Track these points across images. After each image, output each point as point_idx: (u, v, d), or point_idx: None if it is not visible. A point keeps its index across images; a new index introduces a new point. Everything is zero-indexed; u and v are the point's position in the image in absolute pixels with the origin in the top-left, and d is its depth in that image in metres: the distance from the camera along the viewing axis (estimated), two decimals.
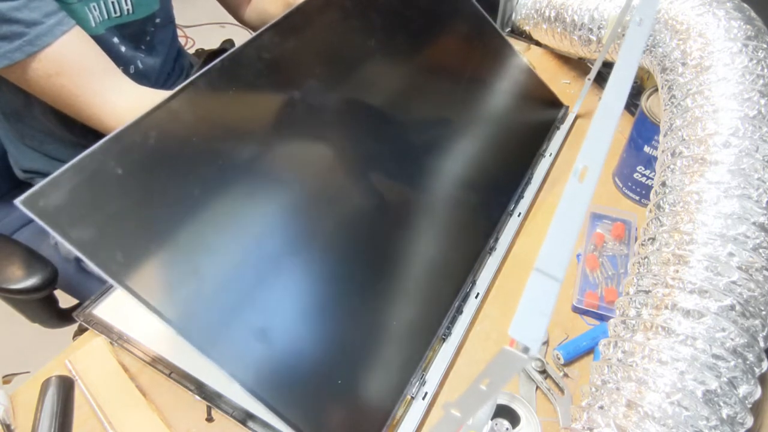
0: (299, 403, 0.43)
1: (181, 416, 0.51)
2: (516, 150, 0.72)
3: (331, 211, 0.52)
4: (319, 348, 0.46)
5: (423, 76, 0.65)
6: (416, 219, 0.57)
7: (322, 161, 0.53)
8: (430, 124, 0.64)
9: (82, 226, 0.36)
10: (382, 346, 0.50)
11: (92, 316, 0.56)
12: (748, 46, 0.52)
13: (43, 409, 0.49)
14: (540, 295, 0.19)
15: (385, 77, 0.61)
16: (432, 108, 0.65)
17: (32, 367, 1.14)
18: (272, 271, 0.46)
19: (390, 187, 0.57)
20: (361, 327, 0.49)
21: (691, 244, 0.45)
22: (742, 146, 0.47)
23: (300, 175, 0.51)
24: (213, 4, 0.96)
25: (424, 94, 0.65)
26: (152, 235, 0.40)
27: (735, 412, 0.39)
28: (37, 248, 0.71)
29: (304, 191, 0.50)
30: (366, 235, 0.53)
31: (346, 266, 0.50)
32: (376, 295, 0.51)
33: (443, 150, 0.62)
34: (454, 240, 0.60)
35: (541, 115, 0.78)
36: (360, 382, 0.47)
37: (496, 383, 0.22)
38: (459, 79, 0.69)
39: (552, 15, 0.80)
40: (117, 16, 0.72)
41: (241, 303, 0.43)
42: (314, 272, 0.48)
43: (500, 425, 0.48)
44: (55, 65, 0.60)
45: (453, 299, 0.56)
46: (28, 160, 0.80)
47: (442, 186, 0.61)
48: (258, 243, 0.46)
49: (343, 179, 0.54)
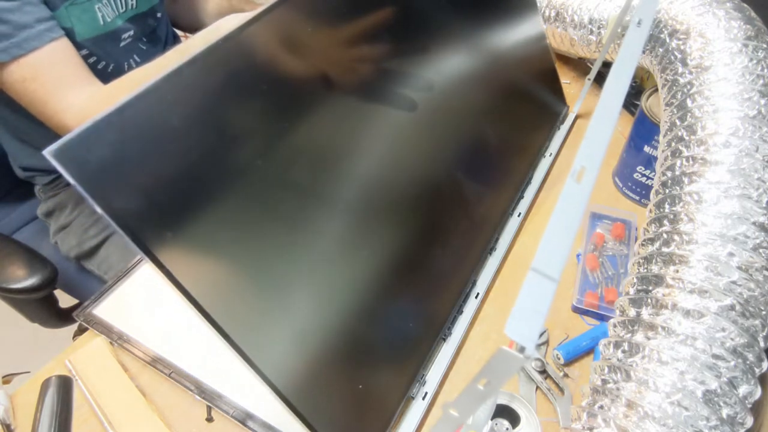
0: (310, 401, 0.43)
1: (181, 416, 0.51)
2: (517, 151, 0.72)
3: (332, 212, 0.52)
4: (325, 347, 0.46)
5: (463, 66, 0.62)
6: (416, 219, 0.57)
7: (324, 161, 0.53)
8: (431, 126, 0.64)
9: (128, 192, 0.29)
10: (383, 346, 0.50)
11: (92, 316, 0.57)
12: (748, 46, 0.52)
13: (43, 409, 0.49)
14: (536, 294, 0.19)
15: (411, 65, 0.57)
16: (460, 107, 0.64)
17: (32, 367, 1.14)
18: (311, 271, 0.44)
19: (390, 187, 0.57)
20: (362, 327, 0.49)
21: (691, 244, 0.45)
22: (742, 146, 0.47)
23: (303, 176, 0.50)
24: None
25: (454, 86, 0.62)
26: (198, 207, 0.33)
27: (735, 412, 0.39)
28: (37, 248, 0.71)
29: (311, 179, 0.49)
30: (366, 236, 0.53)
31: (347, 267, 0.50)
32: (377, 295, 0.51)
33: (443, 148, 0.62)
34: (454, 240, 0.60)
35: (544, 114, 0.78)
36: (364, 382, 0.47)
37: (494, 383, 0.22)
38: (488, 72, 0.66)
39: (552, 15, 0.80)
40: (123, 11, 0.73)
41: (281, 300, 0.41)
42: (319, 275, 0.48)
43: (500, 425, 0.48)
44: (32, 70, 0.60)
45: (453, 299, 0.56)
46: (27, 157, 0.81)
47: (441, 186, 0.61)
48: (309, 238, 0.44)
49: (342, 178, 0.54)
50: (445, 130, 0.62)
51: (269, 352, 0.40)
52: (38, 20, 0.59)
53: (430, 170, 0.60)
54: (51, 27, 0.61)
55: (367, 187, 0.54)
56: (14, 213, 0.89)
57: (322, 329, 0.47)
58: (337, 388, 0.46)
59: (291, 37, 0.40)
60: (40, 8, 0.60)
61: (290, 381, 0.41)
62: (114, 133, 0.28)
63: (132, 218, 0.28)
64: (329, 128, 0.47)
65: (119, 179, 0.28)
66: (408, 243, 0.56)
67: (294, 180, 0.42)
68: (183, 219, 0.32)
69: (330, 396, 0.45)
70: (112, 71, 0.75)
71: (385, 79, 0.53)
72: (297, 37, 0.41)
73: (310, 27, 0.42)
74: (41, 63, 0.60)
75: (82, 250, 0.81)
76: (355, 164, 0.53)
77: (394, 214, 0.56)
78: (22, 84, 0.61)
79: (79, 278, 0.84)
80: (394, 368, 0.50)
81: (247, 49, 0.36)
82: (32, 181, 0.84)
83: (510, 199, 0.67)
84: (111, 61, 0.74)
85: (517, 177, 0.70)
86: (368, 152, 0.55)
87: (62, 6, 0.64)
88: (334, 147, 0.49)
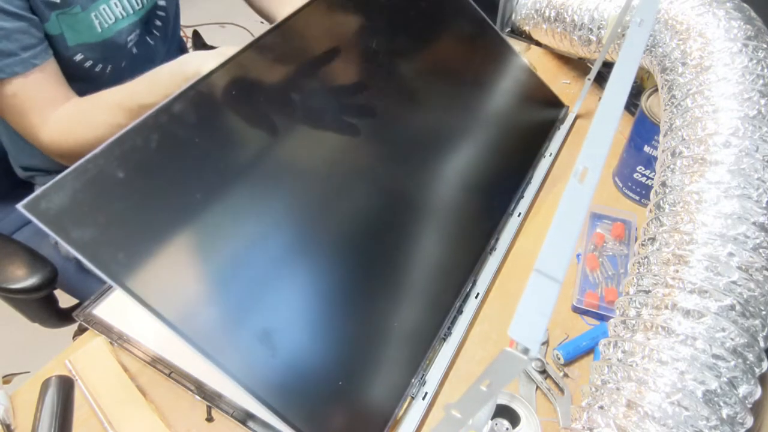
0: (301, 405, 0.43)
1: (181, 416, 0.51)
2: (517, 151, 0.72)
3: (333, 213, 0.52)
4: (320, 349, 0.46)
5: (424, 78, 0.65)
6: (417, 220, 0.57)
7: (324, 163, 0.53)
8: (430, 126, 0.64)
9: (84, 229, 0.36)
10: (384, 347, 0.50)
11: (92, 316, 0.56)
12: (748, 46, 0.52)
13: (43, 409, 0.49)
14: (540, 295, 0.19)
15: (386, 80, 0.61)
16: (432, 110, 0.65)
17: (32, 367, 1.14)
18: (275, 273, 0.46)
19: (391, 189, 0.57)
20: (362, 328, 0.49)
21: (691, 244, 0.45)
22: (742, 146, 0.47)
23: (302, 177, 0.51)
24: (213, 4, 0.96)
25: (425, 97, 0.65)
26: (153, 237, 0.40)
27: (735, 412, 0.39)
28: (37, 248, 0.71)
29: (307, 193, 0.50)
30: (367, 236, 0.53)
31: (348, 268, 0.50)
32: (377, 296, 0.51)
33: (444, 151, 0.62)
34: (455, 240, 0.60)
35: (542, 116, 0.78)
36: (361, 384, 0.47)
37: (497, 384, 0.22)
38: (460, 81, 0.69)
39: (552, 15, 0.80)
40: (127, 15, 0.73)
41: (244, 304, 0.43)
42: (316, 274, 0.48)
43: (500, 425, 0.48)
44: (12, 89, 0.63)
45: (453, 299, 0.56)
46: (28, 157, 0.81)
47: (442, 187, 0.61)
48: (261, 244, 0.46)
49: (344, 181, 0.54)
50: (445, 138, 0.63)
51: (246, 358, 0.42)
52: (24, 48, 0.61)
53: (431, 174, 0.60)
54: (36, 54, 0.63)
55: (368, 189, 0.55)
56: (14, 213, 0.89)
57: (321, 330, 0.47)
58: (335, 390, 0.46)
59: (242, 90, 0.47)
60: (30, 35, 0.62)
61: (277, 385, 0.42)
62: (69, 188, 0.36)
63: (88, 248, 0.36)
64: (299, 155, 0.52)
65: (75, 221, 0.36)
66: (408, 244, 0.56)
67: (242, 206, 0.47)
68: (133, 243, 0.39)
69: (326, 398, 0.45)
70: (110, 72, 0.75)
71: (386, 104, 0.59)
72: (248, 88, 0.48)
73: (264, 75, 0.49)
74: (22, 86, 0.63)
75: None
76: (357, 173, 0.53)
77: (395, 216, 0.56)
78: (2, 99, 0.63)
79: (79, 278, 0.84)
80: (394, 369, 0.50)
81: (190, 107, 0.44)
82: (32, 180, 0.84)
83: (510, 199, 0.67)
84: (108, 63, 0.74)
85: (517, 178, 0.70)
86: (368, 161, 0.55)
87: (52, 15, 0.64)
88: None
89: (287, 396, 0.43)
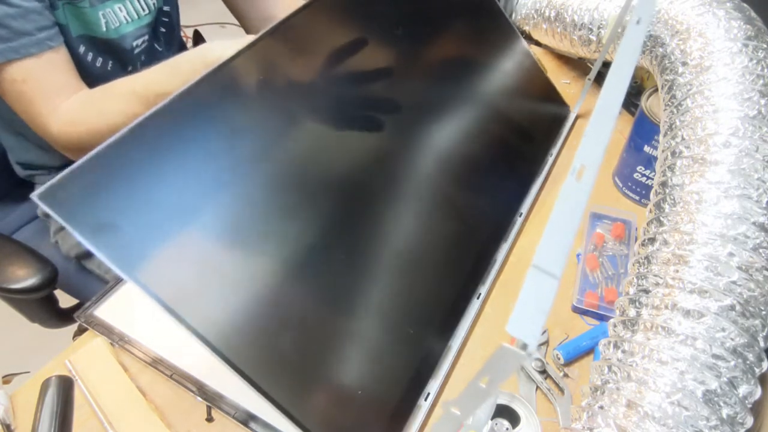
0: (311, 406, 0.43)
1: (181, 416, 0.51)
2: (526, 152, 0.72)
3: (333, 214, 0.51)
4: (329, 350, 0.46)
5: (442, 72, 0.64)
6: (417, 220, 0.57)
7: (326, 163, 0.53)
8: (445, 125, 0.64)
9: (102, 221, 0.34)
10: (389, 348, 0.50)
11: (93, 317, 0.56)
12: (748, 46, 0.52)
13: (43, 409, 0.49)
14: (538, 292, 0.19)
15: (409, 71, 0.60)
16: (447, 106, 0.64)
17: (32, 367, 1.14)
18: (298, 274, 0.45)
19: (396, 189, 0.57)
20: (367, 329, 0.49)
21: (691, 244, 0.45)
22: (742, 146, 0.47)
23: (325, 170, 0.50)
24: (214, 5, 0.96)
25: (442, 92, 0.64)
26: (174, 230, 0.38)
27: (735, 412, 0.39)
28: (37, 248, 0.71)
29: (315, 190, 0.49)
30: (368, 237, 0.53)
31: (350, 268, 0.50)
32: (381, 297, 0.51)
33: (453, 153, 0.62)
34: (456, 241, 0.60)
35: (549, 117, 0.78)
36: (370, 385, 0.47)
37: (495, 381, 0.22)
38: (475, 77, 0.68)
39: (552, 15, 0.80)
40: (134, 20, 0.73)
41: (260, 305, 0.42)
42: (323, 276, 0.48)
43: (500, 425, 0.48)
44: (23, 73, 0.61)
45: (454, 300, 0.56)
46: (24, 152, 0.80)
47: (442, 188, 0.61)
48: (287, 242, 0.44)
49: (350, 178, 0.54)
50: (444, 140, 0.63)
51: (258, 359, 0.40)
52: (40, 28, 0.60)
53: (432, 175, 0.60)
54: (51, 36, 0.62)
55: (373, 189, 0.54)
56: (14, 213, 0.89)
57: (320, 332, 0.47)
58: (338, 393, 0.46)
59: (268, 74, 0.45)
60: (45, 17, 0.61)
61: (286, 386, 0.42)
62: (87, 178, 0.34)
63: (103, 241, 0.34)
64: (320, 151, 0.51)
65: (91, 211, 0.34)
66: (408, 244, 0.56)
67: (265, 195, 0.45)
68: (147, 238, 0.37)
69: (330, 400, 0.45)
70: (111, 70, 0.75)
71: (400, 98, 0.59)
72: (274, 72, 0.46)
73: (287, 61, 0.47)
74: (34, 68, 0.61)
75: (82, 250, 0.81)
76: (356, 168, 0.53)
77: (395, 217, 0.56)
78: (11, 84, 0.62)
79: (79, 278, 0.84)
80: (394, 369, 0.50)
81: (207, 95, 0.42)
82: (32, 180, 0.84)
83: (519, 201, 0.67)
84: (110, 59, 0.74)
85: (522, 179, 0.70)
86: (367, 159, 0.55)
87: (60, 4, 0.64)
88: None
89: (300, 397, 0.42)
